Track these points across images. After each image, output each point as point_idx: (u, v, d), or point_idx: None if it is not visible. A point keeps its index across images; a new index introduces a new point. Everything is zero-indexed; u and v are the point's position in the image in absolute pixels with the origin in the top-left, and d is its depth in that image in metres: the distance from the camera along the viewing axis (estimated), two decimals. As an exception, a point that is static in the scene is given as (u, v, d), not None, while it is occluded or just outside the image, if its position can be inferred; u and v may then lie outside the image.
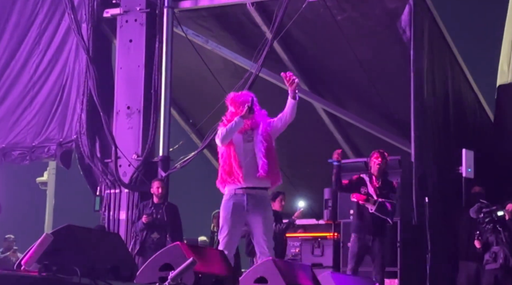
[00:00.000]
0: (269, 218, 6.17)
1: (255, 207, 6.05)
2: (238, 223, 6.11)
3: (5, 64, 11.61)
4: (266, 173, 5.99)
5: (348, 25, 10.25)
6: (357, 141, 12.00)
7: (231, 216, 6.07)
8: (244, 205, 6.04)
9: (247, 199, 6.04)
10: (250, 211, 6.05)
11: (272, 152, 6.13)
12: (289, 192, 11.81)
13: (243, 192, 6.04)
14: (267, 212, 6.15)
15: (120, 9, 10.55)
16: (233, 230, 6.08)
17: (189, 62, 11.14)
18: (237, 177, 6.02)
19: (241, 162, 6.03)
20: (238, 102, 6.16)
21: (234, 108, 6.17)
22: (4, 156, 11.24)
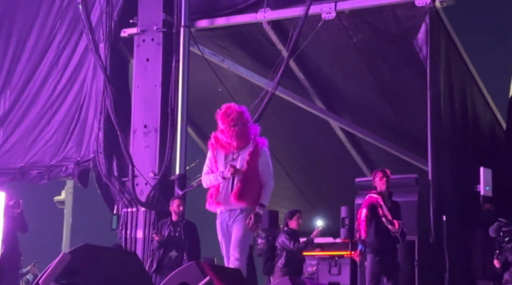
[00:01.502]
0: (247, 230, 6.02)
1: (235, 219, 6.02)
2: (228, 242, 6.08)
3: (24, 84, 11.73)
4: (237, 200, 5.94)
5: (364, 44, 10.27)
6: (374, 159, 11.97)
7: (221, 237, 6.11)
8: (226, 222, 6.05)
9: (229, 216, 6.03)
10: (231, 225, 6.04)
11: (253, 177, 5.98)
12: (306, 210, 11.80)
13: (226, 210, 6.04)
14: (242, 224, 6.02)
15: (137, 29, 10.64)
16: (226, 248, 6.09)
17: (205, 80, 11.20)
18: (214, 198, 6.03)
19: (220, 184, 6.01)
20: (227, 120, 6.00)
21: (223, 126, 6.04)
22: (22, 175, 11.31)
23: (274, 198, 13.20)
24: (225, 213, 6.03)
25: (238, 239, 5.99)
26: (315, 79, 11.26)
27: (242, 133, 5.97)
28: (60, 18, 11.62)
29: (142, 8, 10.64)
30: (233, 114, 5.99)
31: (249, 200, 5.96)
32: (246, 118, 6.05)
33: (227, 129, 5.96)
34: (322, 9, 9.82)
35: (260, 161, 6.00)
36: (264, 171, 6.02)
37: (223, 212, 6.04)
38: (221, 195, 5.98)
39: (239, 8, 10.47)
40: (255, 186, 5.97)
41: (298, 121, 11.96)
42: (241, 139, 5.97)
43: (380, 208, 8.11)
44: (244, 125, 6.01)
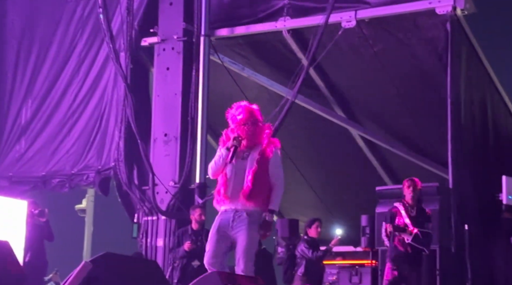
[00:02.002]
0: (252, 239, 5.81)
1: (239, 224, 5.77)
2: (222, 240, 5.80)
3: (45, 93, 11.82)
4: (246, 199, 5.72)
5: (384, 52, 10.25)
6: (395, 167, 11.92)
7: (216, 232, 5.81)
8: (229, 222, 5.78)
9: (234, 217, 5.78)
10: (234, 228, 5.78)
11: (262, 177, 5.78)
12: (326, 218, 11.77)
13: (232, 210, 5.79)
14: (252, 231, 5.79)
15: (157, 38, 10.69)
16: (217, 245, 5.78)
17: (225, 89, 11.22)
18: (223, 196, 5.79)
19: (228, 180, 5.79)
20: (237, 119, 5.80)
21: (233, 124, 5.84)
22: (44, 183, 11.39)
23: (294, 206, 13.23)
24: (230, 213, 5.79)
25: (244, 249, 5.77)
26: (335, 88, 11.25)
27: (253, 132, 5.77)
28: (81, 28, 11.70)
29: (162, 17, 10.70)
30: (244, 113, 5.81)
31: (258, 201, 5.77)
32: (256, 116, 5.85)
33: (237, 128, 5.77)
34: (342, 18, 9.81)
35: (271, 161, 5.81)
36: (274, 172, 5.84)
37: (228, 211, 5.80)
38: (229, 191, 5.75)
39: (259, 17, 10.49)
40: (265, 187, 5.79)
41: (318, 130, 11.95)
42: (251, 138, 5.78)
43: (400, 216, 8.08)
44: (254, 124, 5.81)
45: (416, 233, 7.99)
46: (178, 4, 10.58)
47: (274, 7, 10.35)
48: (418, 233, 8.00)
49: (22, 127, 11.93)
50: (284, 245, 10.70)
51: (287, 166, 12.61)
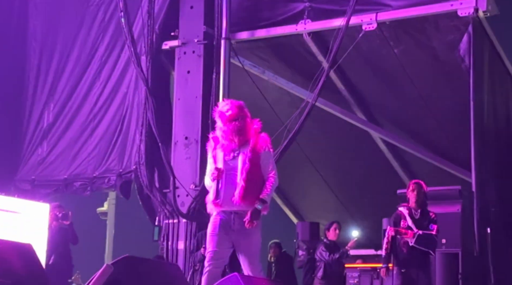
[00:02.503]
0: (254, 242, 5.73)
1: (241, 227, 5.66)
2: (225, 240, 5.73)
3: (67, 97, 11.89)
4: (241, 200, 5.61)
5: (405, 55, 10.20)
6: (416, 170, 11.86)
7: (219, 232, 5.71)
8: (231, 224, 5.69)
9: (234, 218, 5.68)
10: (236, 232, 5.69)
11: (255, 175, 5.68)
12: (346, 221, 11.74)
13: (231, 212, 5.69)
14: (253, 235, 5.72)
15: (178, 41, 10.71)
16: (219, 246, 5.71)
17: (245, 92, 11.21)
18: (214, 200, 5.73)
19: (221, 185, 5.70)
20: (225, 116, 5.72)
21: (222, 122, 5.75)
22: (66, 187, 11.45)
23: (315, 210, 13.21)
24: (229, 214, 5.70)
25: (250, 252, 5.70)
26: (356, 90, 11.21)
27: (243, 128, 5.69)
28: (103, 31, 11.77)
29: (183, 20, 10.73)
30: (232, 109, 5.73)
31: (253, 200, 5.66)
32: (245, 112, 5.76)
33: (227, 125, 5.69)
34: (363, 20, 9.78)
35: (263, 156, 5.71)
36: (267, 167, 5.73)
37: (227, 212, 5.70)
38: (221, 196, 5.67)
39: (279, 20, 10.49)
40: (259, 185, 5.69)
41: (338, 132, 11.92)
42: (242, 134, 5.69)
43: (404, 220, 8.08)
44: (243, 120, 5.72)
45: (419, 235, 7.95)
46: (198, 8, 10.60)
47: (295, 10, 10.34)
48: (421, 235, 7.96)
49: (44, 130, 12.01)
50: (305, 248, 10.69)
51: (308, 169, 12.60)
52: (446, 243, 8.60)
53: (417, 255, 7.99)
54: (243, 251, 5.69)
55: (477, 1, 9.22)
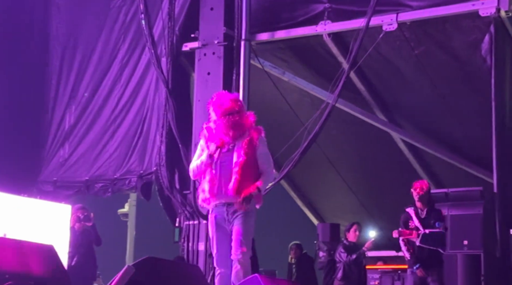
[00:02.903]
0: (247, 224, 5.67)
1: (234, 217, 5.65)
2: (224, 237, 5.70)
3: (88, 98, 11.96)
4: (235, 192, 5.57)
5: (426, 56, 10.15)
6: (437, 171, 11.80)
7: (215, 232, 5.69)
8: (224, 217, 5.67)
9: (227, 210, 5.66)
10: (230, 222, 5.66)
11: (250, 168, 5.65)
12: (366, 222, 11.71)
13: (223, 204, 5.66)
14: (247, 217, 5.65)
15: (198, 43, 10.73)
16: (220, 244, 5.69)
17: (265, 93, 11.22)
18: (209, 191, 5.66)
19: (214, 177, 5.65)
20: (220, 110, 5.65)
21: (216, 115, 5.67)
22: (87, 188, 11.52)
23: (335, 211, 13.18)
24: (222, 207, 5.67)
25: (241, 234, 5.63)
26: (376, 91, 11.18)
27: (238, 122, 5.62)
28: (123, 34, 11.82)
29: (203, 22, 10.74)
30: (227, 102, 5.65)
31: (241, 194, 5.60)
32: (240, 105, 5.70)
33: (222, 118, 5.62)
34: (383, 21, 9.74)
35: (258, 150, 5.68)
36: (263, 160, 5.70)
37: (219, 206, 5.68)
38: (215, 187, 5.63)
39: (299, 21, 10.47)
40: (253, 178, 5.64)
41: (359, 134, 11.88)
42: (237, 128, 5.63)
43: (411, 220, 8.09)
44: (239, 114, 5.65)
45: (424, 234, 7.95)
46: (219, 9, 10.62)
47: (315, 11, 10.33)
48: (425, 234, 7.95)
49: (66, 132, 12.09)
50: (325, 249, 10.69)
51: (328, 170, 12.58)
52: (468, 244, 8.55)
53: (426, 254, 7.98)
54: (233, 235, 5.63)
55: (499, 1, 9.14)
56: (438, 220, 8.11)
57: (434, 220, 8.08)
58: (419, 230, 8.03)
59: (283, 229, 14.10)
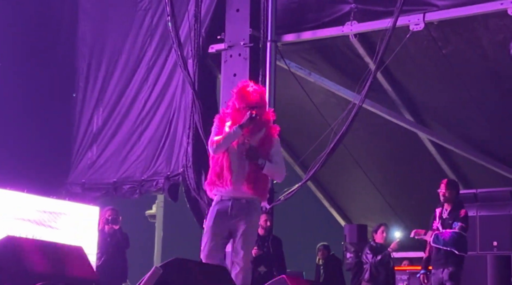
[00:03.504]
0: (252, 226, 5.50)
1: (239, 212, 5.42)
2: (221, 232, 5.46)
3: (116, 101, 12.03)
4: (247, 186, 5.37)
5: (454, 55, 10.08)
6: (466, 171, 11.71)
7: (213, 224, 5.44)
8: (227, 211, 5.41)
9: (232, 205, 5.42)
10: (233, 217, 5.41)
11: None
12: (394, 223, 11.64)
13: (229, 198, 5.44)
14: (252, 217, 5.48)
15: (224, 44, 10.76)
16: (215, 238, 5.47)
17: (291, 94, 11.21)
18: (225, 180, 5.40)
19: (232, 164, 5.39)
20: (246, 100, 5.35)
21: (238, 104, 5.38)
22: (115, 190, 11.59)
23: (363, 212, 13.13)
24: (227, 201, 5.43)
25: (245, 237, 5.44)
26: (403, 91, 11.12)
27: (259, 117, 5.37)
28: (150, 36, 11.88)
29: (229, 24, 10.77)
30: (254, 94, 5.39)
31: (259, 189, 5.45)
32: (265, 100, 5.51)
33: (245, 110, 5.35)
34: (410, 21, 9.68)
35: (273, 149, 5.49)
36: (277, 160, 5.47)
37: (225, 200, 5.44)
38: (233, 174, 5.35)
39: (325, 21, 10.45)
40: (266, 175, 5.47)
41: (385, 134, 11.83)
42: (258, 123, 5.40)
43: (435, 220, 8.04)
44: (262, 109, 5.43)
45: (436, 234, 7.88)
46: (244, 10, 10.63)
47: (341, 11, 10.30)
48: (438, 234, 7.88)
49: (93, 134, 12.18)
50: (353, 250, 10.65)
51: (355, 171, 12.54)
52: (497, 245, 8.48)
53: (442, 254, 7.92)
54: (239, 235, 5.44)
55: (528, -1, 9.07)
56: (456, 220, 8.01)
57: (452, 220, 8.00)
58: (437, 230, 7.97)
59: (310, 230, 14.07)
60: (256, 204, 5.54)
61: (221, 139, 5.40)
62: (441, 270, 7.95)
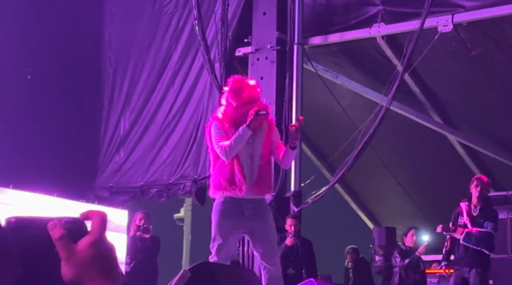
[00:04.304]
0: (271, 227, 5.34)
1: (254, 212, 5.23)
2: (236, 229, 5.29)
3: (142, 105, 12.08)
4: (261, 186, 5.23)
5: (483, 57, 9.98)
6: (496, 173, 11.58)
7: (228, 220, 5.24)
8: (242, 210, 5.23)
9: (245, 203, 5.24)
10: (249, 218, 5.23)
11: (270, 162, 5.39)
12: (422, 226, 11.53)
13: (238, 198, 5.25)
14: (269, 219, 5.35)
15: (251, 48, 10.75)
16: (230, 237, 5.31)
17: (319, 97, 11.18)
18: (239, 186, 5.16)
19: (243, 168, 5.19)
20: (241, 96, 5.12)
21: (236, 102, 5.11)
22: (142, 193, 11.63)
23: (391, 214, 13.04)
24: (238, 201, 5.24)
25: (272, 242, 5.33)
26: (432, 93, 11.03)
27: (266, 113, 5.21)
28: (176, 39, 11.92)
29: (256, 27, 10.76)
30: (249, 89, 5.16)
31: (269, 188, 5.37)
32: (260, 92, 5.28)
33: (241, 106, 5.12)
34: (438, 22, 9.60)
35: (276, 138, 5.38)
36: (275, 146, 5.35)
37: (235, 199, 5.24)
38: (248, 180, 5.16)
39: (352, 24, 10.41)
40: (272, 172, 5.44)
41: (414, 136, 11.75)
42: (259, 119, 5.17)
43: (461, 216, 7.89)
44: (259, 101, 5.23)
45: (467, 233, 7.74)
46: (271, 14, 10.62)
47: (368, 13, 10.25)
48: (469, 233, 7.74)
49: (121, 138, 12.24)
50: (381, 253, 10.58)
51: (383, 173, 12.46)
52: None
53: (470, 253, 7.78)
54: (260, 236, 5.29)
55: (559, -1, 8.95)
56: (490, 221, 7.88)
57: (484, 219, 7.87)
58: (466, 228, 7.84)
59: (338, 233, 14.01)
60: (266, 204, 5.49)
61: (232, 142, 5.15)
62: (467, 269, 7.82)
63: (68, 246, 1.31)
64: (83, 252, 1.32)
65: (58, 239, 1.30)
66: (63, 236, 1.31)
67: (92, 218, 1.36)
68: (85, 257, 1.32)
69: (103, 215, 1.37)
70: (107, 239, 1.36)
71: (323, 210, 12.55)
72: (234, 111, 5.18)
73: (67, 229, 1.31)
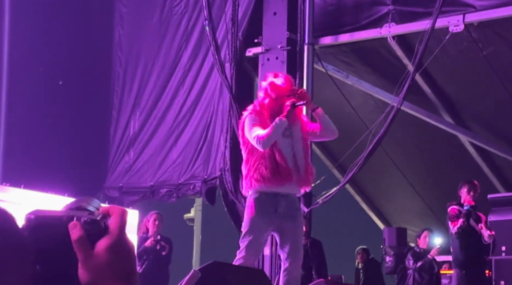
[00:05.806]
0: (300, 227, 5.35)
1: (287, 211, 5.24)
2: (268, 226, 5.22)
3: (152, 105, 12.09)
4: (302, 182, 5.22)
5: (495, 57, 9.92)
6: (508, 174, 11.53)
7: (261, 217, 5.18)
8: (276, 207, 5.21)
9: (279, 200, 5.22)
10: (281, 216, 5.23)
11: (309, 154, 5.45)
12: (436, 227, 11.50)
13: (273, 194, 5.23)
14: (299, 219, 5.33)
15: (261, 48, 10.73)
16: (263, 234, 5.26)
17: (329, 97, 11.15)
18: (286, 176, 5.14)
19: (286, 159, 5.19)
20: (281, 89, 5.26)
21: (275, 95, 5.28)
22: (152, 193, 11.63)
23: (402, 215, 12.99)
24: (272, 197, 5.21)
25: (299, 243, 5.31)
26: (443, 93, 10.99)
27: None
28: (186, 39, 11.92)
29: (266, 27, 10.74)
30: (289, 82, 5.36)
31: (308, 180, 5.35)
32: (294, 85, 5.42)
33: (281, 99, 5.27)
34: (449, 22, 9.55)
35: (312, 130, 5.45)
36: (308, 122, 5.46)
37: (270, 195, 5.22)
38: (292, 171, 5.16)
39: (363, 24, 10.37)
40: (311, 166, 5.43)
41: (425, 137, 11.70)
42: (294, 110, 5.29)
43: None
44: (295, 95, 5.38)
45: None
46: (282, 14, 10.59)
47: (379, 13, 10.21)
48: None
49: (130, 138, 12.24)
50: (392, 254, 10.55)
51: (394, 173, 12.42)
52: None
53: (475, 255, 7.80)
54: (290, 236, 5.27)
55: None
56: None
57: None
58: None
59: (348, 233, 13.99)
60: (298, 201, 5.48)
61: (270, 132, 5.19)
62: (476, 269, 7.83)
63: (85, 249, 1.28)
64: (100, 256, 1.28)
65: (76, 241, 1.28)
66: (81, 238, 1.28)
67: (112, 215, 1.32)
68: (102, 261, 1.28)
69: (123, 213, 1.34)
70: (127, 238, 1.32)
71: (334, 211, 12.53)
72: (273, 102, 5.27)
73: (86, 230, 1.28)
